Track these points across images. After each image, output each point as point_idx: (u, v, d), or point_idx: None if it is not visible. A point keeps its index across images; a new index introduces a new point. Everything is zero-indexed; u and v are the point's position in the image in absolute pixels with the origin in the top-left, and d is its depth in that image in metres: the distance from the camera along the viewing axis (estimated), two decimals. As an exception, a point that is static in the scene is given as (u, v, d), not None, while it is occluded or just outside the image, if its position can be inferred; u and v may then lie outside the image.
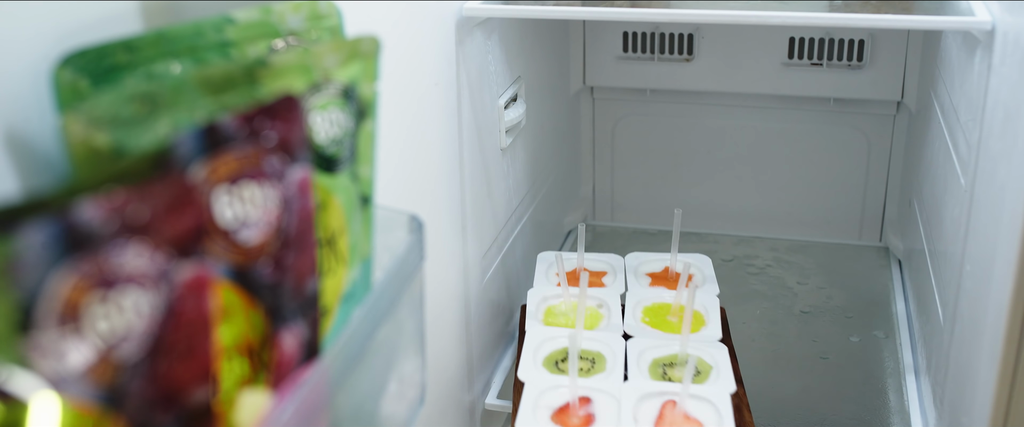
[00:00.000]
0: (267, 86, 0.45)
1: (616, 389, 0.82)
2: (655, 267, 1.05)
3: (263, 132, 0.41)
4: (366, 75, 0.50)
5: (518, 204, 1.15)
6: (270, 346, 0.43)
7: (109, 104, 0.40)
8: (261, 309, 0.43)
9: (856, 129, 1.37)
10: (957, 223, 0.86)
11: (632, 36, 1.36)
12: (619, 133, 1.46)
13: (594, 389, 0.82)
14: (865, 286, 1.30)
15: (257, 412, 0.42)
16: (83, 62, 0.43)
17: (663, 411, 0.79)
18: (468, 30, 0.92)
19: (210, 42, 0.47)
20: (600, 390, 0.82)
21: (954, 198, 0.89)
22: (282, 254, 0.42)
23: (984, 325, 0.73)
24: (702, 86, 1.38)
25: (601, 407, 0.81)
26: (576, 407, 0.80)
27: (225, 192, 0.39)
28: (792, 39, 1.31)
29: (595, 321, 0.95)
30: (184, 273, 0.36)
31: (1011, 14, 0.73)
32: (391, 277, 0.54)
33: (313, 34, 0.51)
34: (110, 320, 0.33)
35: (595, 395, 0.82)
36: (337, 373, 0.48)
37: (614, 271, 1.04)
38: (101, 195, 0.32)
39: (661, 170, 1.46)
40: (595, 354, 0.89)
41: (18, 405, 0.31)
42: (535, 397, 0.82)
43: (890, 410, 1.05)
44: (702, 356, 0.87)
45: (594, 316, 0.96)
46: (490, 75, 1.00)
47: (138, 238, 0.34)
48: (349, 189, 0.50)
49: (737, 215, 1.45)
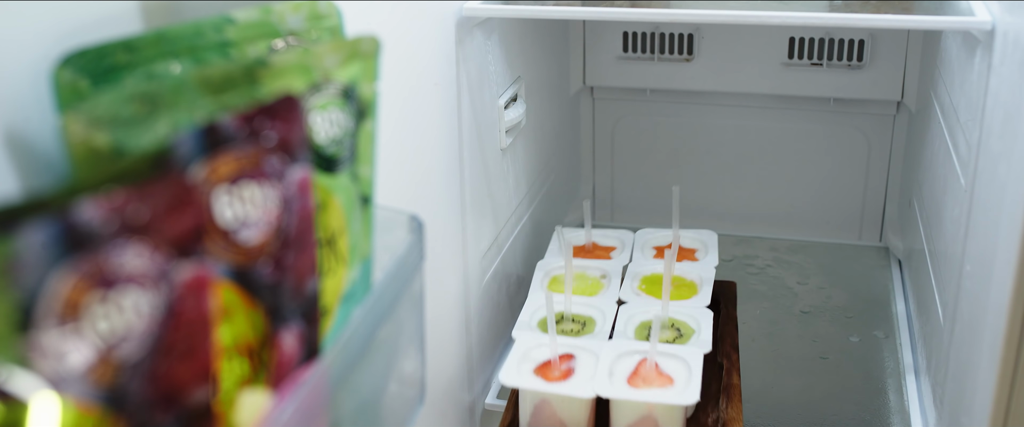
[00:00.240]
0: (267, 86, 0.45)
1: (597, 347, 0.89)
2: (662, 242, 1.12)
3: (263, 132, 0.41)
4: (366, 75, 0.50)
5: (518, 204, 1.15)
6: (270, 346, 0.43)
7: (109, 104, 0.40)
8: (261, 309, 0.43)
9: (856, 129, 1.37)
10: (957, 223, 0.86)
11: (632, 36, 1.36)
12: (619, 133, 1.46)
13: (577, 346, 0.90)
14: (865, 286, 1.30)
15: (257, 412, 0.42)
16: (83, 62, 0.43)
17: (639, 367, 0.86)
18: (468, 30, 0.92)
19: (210, 42, 0.47)
20: (582, 348, 0.89)
21: (954, 198, 0.89)
22: (282, 254, 0.42)
23: (984, 325, 0.73)
24: (702, 86, 1.38)
25: (581, 362, 0.88)
26: (557, 362, 0.88)
27: (225, 192, 0.39)
28: (792, 39, 1.31)
29: (596, 289, 1.02)
30: (184, 273, 0.36)
31: (1011, 14, 0.73)
32: (391, 277, 0.54)
33: (313, 34, 0.51)
34: (110, 320, 0.33)
35: (578, 352, 0.89)
36: (337, 373, 0.48)
37: (623, 246, 1.10)
38: (101, 195, 0.32)
39: (661, 170, 1.46)
40: (587, 318, 0.97)
41: (18, 405, 0.31)
42: (522, 353, 0.89)
43: (890, 410, 1.05)
44: (687, 320, 0.94)
45: (595, 285, 1.03)
46: (490, 75, 1.00)
47: (138, 238, 0.34)
48: (349, 189, 0.50)
49: (737, 215, 1.45)
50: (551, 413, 0.87)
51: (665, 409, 0.84)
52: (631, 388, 0.84)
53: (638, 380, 0.85)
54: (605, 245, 1.11)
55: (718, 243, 1.10)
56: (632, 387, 0.84)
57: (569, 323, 0.97)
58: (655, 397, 0.83)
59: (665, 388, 0.84)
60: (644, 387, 0.84)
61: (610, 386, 0.84)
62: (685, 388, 0.83)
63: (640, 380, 0.85)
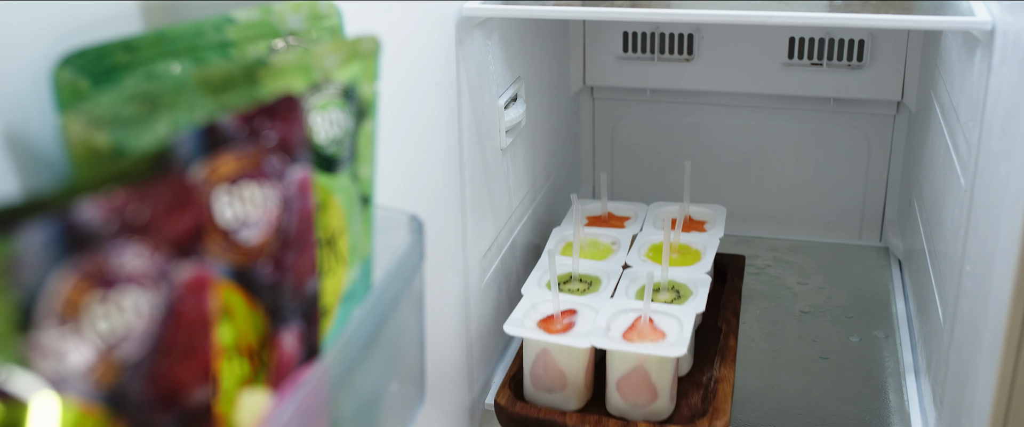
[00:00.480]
0: (267, 86, 0.45)
1: (598, 304, 0.97)
2: (674, 214, 1.19)
3: (263, 132, 0.41)
4: (366, 75, 0.50)
5: (518, 204, 1.15)
6: (270, 346, 0.43)
7: (109, 104, 0.40)
8: (261, 309, 0.43)
9: (856, 129, 1.37)
10: (957, 223, 0.86)
11: (632, 36, 1.36)
12: (619, 133, 1.46)
13: (580, 303, 0.98)
14: (865, 286, 1.30)
15: (257, 412, 0.42)
16: (83, 62, 0.43)
17: (635, 323, 0.94)
18: (468, 30, 0.92)
19: (210, 42, 0.47)
20: (584, 304, 0.97)
21: (954, 198, 0.89)
22: (282, 254, 0.42)
23: (984, 325, 0.73)
24: (702, 86, 1.38)
25: (582, 318, 0.96)
26: (559, 317, 0.95)
27: (225, 192, 0.39)
28: (792, 39, 1.31)
29: (607, 255, 1.10)
30: (184, 273, 0.36)
31: (1011, 14, 0.73)
32: (391, 277, 0.54)
33: (313, 34, 0.51)
34: (110, 320, 0.33)
35: (580, 308, 0.97)
36: (337, 373, 0.48)
37: (636, 217, 1.19)
38: (101, 195, 0.32)
39: (661, 170, 1.46)
40: (594, 278, 1.04)
41: (18, 405, 0.31)
42: (528, 307, 0.97)
43: (890, 410, 1.05)
44: (687, 283, 1.02)
45: (607, 250, 1.11)
46: (490, 75, 1.00)
47: (138, 238, 0.34)
48: (349, 189, 0.50)
49: (737, 215, 1.45)
50: (551, 362, 0.94)
51: (655, 361, 0.90)
52: (625, 341, 0.91)
53: (633, 335, 0.92)
54: (620, 215, 1.20)
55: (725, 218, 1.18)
56: (626, 341, 0.91)
57: (577, 283, 1.04)
58: (645, 349, 0.89)
59: (656, 342, 0.90)
60: (638, 341, 0.91)
61: (605, 339, 0.91)
62: (674, 343, 0.90)
63: (635, 335, 0.92)
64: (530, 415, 0.94)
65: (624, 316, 0.95)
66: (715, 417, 0.92)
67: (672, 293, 1.01)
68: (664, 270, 1.01)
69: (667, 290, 1.01)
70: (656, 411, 0.93)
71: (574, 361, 0.94)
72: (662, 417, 0.94)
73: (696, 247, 1.10)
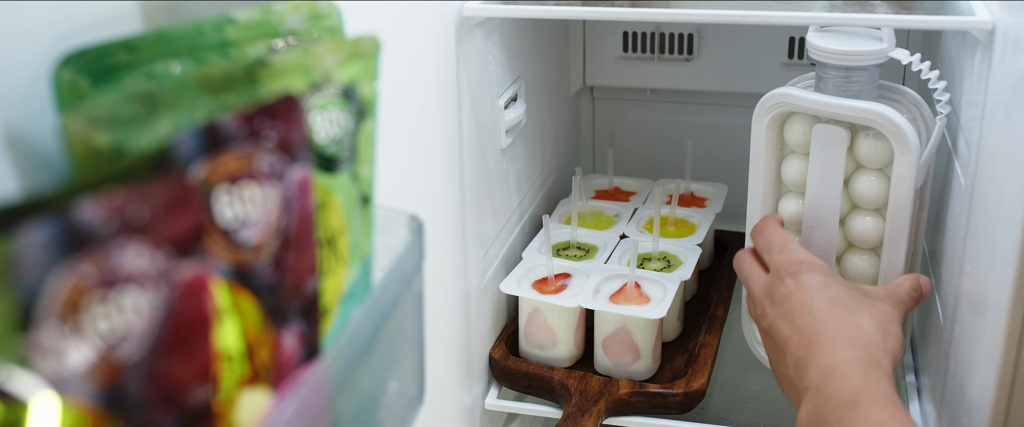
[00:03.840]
0: (267, 86, 0.45)
1: (590, 269, 1.04)
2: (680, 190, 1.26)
3: (263, 132, 0.41)
4: (366, 75, 0.50)
5: (518, 204, 1.15)
6: (270, 346, 0.43)
7: (109, 104, 0.40)
8: (261, 309, 0.43)
9: (856, 129, 1.37)
10: (957, 223, 0.86)
11: (632, 36, 1.36)
12: (619, 133, 1.46)
13: (573, 268, 1.06)
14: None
15: (257, 412, 0.42)
16: (83, 62, 0.43)
17: (623, 288, 1.02)
18: (468, 30, 0.92)
19: (210, 42, 0.47)
20: (578, 269, 1.05)
21: (954, 198, 0.89)
22: (282, 254, 0.42)
23: (984, 325, 0.73)
24: (702, 86, 1.38)
25: (575, 281, 1.04)
26: (553, 279, 1.03)
27: (225, 192, 0.39)
28: (792, 39, 1.31)
29: (608, 225, 1.18)
30: (184, 273, 0.36)
31: (1011, 14, 0.73)
32: (391, 277, 0.54)
33: (313, 34, 0.51)
34: (110, 320, 0.33)
35: (574, 272, 1.05)
36: (337, 373, 0.48)
37: (641, 192, 1.28)
38: (101, 195, 0.32)
39: (661, 170, 1.46)
40: (591, 246, 1.12)
41: (18, 405, 0.31)
42: (525, 269, 1.05)
43: (890, 410, 1.04)
44: (677, 254, 1.09)
45: (609, 221, 1.20)
46: (490, 75, 1.00)
47: (138, 238, 0.34)
48: (349, 189, 0.50)
49: (737, 215, 1.45)
50: (542, 320, 1.02)
51: (637, 322, 0.98)
52: (610, 303, 0.99)
53: (620, 298, 1.00)
54: (627, 189, 1.29)
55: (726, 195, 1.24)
56: (612, 303, 0.99)
57: (575, 250, 1.12)
58: (628, 311, 0.97)
59: (640, 305, 0.98)
60: (623, 304, 0.99)
61: (592, 300, 0.99)
62: (656, 306, 0.98)
63: (622, 298, 1.00)
64: (520, 369, 1.02)
65: (613, 281, 1.02)
66: (693, 378, 0.99)
67: (663, 262, 1.09)
68: (655, 240, 1.09)
69: (658, 259, 1.09)
70: (639, 371, 1.01)
71: (564, 320, 1.01)
72: (644, 377, 1.01)
73: (693, 221, 1.18)
